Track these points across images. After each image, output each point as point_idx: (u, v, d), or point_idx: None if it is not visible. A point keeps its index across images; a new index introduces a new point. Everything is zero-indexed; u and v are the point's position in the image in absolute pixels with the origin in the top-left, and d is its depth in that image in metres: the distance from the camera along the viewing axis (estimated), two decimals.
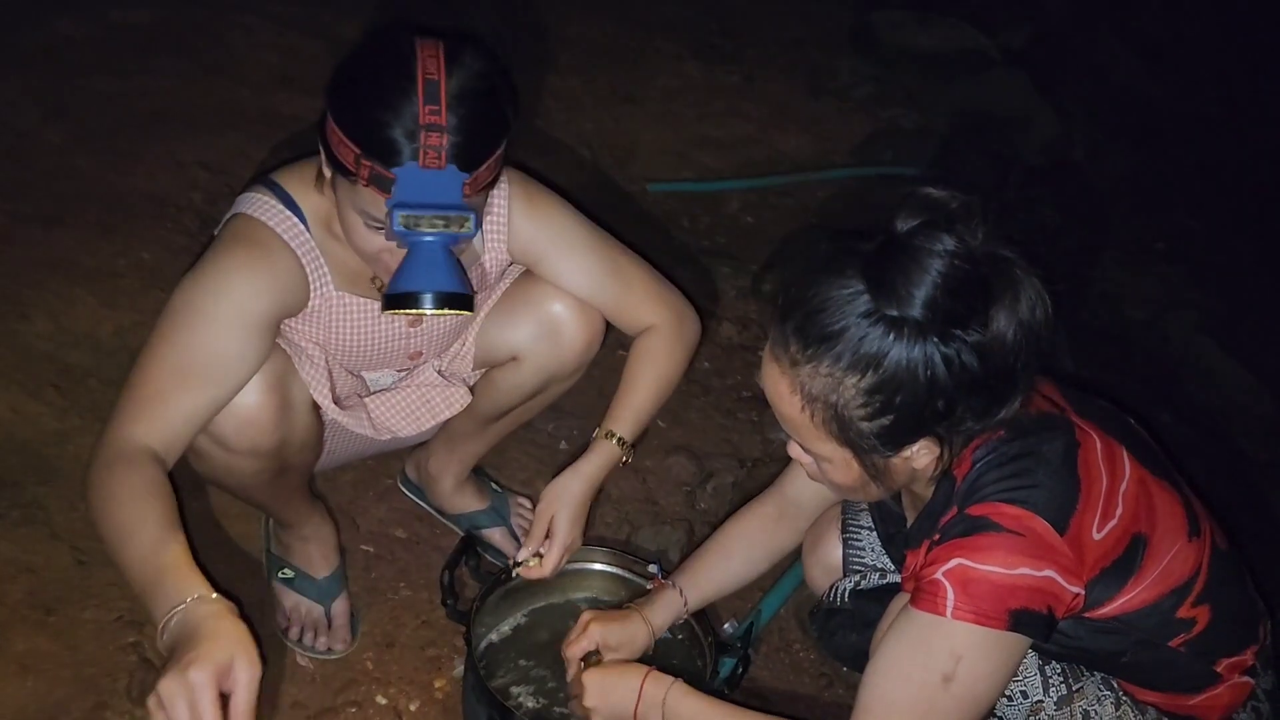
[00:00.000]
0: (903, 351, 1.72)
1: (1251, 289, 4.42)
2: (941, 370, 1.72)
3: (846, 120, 5.13)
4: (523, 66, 4.90)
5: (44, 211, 3.45)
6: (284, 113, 4.22)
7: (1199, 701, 2.05)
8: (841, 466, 1.90)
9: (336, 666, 2.62)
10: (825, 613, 2.54)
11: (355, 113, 1.92)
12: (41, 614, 2.51)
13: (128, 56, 4.24)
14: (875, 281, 1.73)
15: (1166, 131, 5.18)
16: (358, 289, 2.28)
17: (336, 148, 1.95)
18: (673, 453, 3.29)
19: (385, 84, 1.90)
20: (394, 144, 1.91)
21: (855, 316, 1.73)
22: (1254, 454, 3.83)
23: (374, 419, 2.47)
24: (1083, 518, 1.84)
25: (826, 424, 1.82)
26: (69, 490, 2.76)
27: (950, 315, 1.70)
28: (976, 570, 1.81)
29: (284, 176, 2.20)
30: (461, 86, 1.92)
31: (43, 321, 3.12)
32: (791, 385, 1.82)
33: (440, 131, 1.90)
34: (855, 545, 2.45)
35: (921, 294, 1.69)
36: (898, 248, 1.73)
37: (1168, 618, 1.96)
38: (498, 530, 2.96)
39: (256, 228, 2.13)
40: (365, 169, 1.92)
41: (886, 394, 1.75)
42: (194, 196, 3.70)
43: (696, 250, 4.19)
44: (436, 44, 1.94)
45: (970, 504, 1.86)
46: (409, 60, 1.91)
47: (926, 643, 1.86)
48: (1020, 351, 1.75)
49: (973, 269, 1.71)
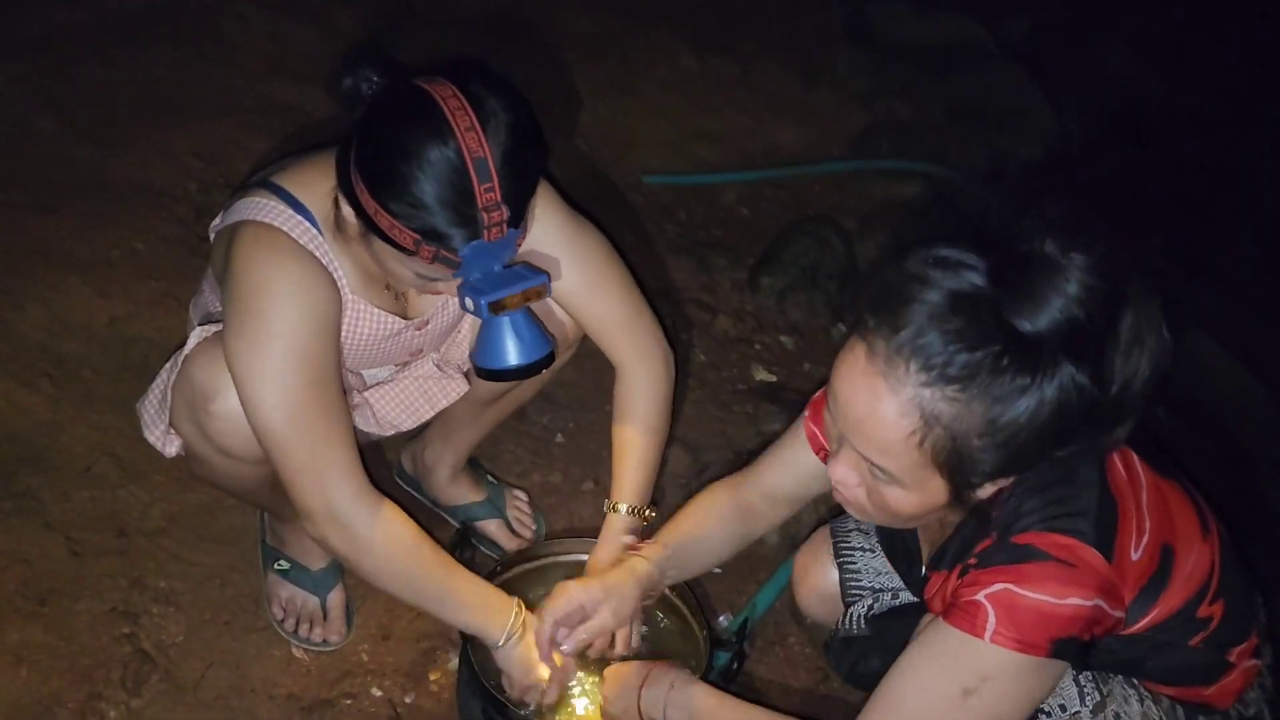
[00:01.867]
0: (1040, 383, 1.61)
1: (1247, 284, 4.41)
2: (1074, 402, 1.62)
3: (843, 112, 5.13)
4: (518, 58, 4.89)
5: (37, 201, 3.44)
6: (279, 101, 4.21)
7: (1213, 691, 2.03)
8: (918, 496, 1.79)
9: (332, 658, 2.62)
10: (841, 642, 2.48)
11: (408, 203, 1.88)
12: (35, 605, 2.51)
13: (121, 45, 4.22)
14: (1009, 293, 1.62)
15: (1163, 126, 5.18)
16: (371, 295, 2.25)
17: (389, 230, 1.91)
18: (668, 445, 3.26)
19: (434, 173, 1.86)
20: (460, 234, 1.90)
21: (990, 337, 1.61)
22: (1249, 449, 3.82)
23: (377, 415, 2.46)
24: (1123, 540, 1.80)
25: (938, 453, 1.69)
26: (63, 481, 2.76)
27: (1089, 341, 1.61)
28: (1025, 598, 1.75)
29: (287, 179, 2.14)
30: (505, 151, 1.89)
31: (36, 311, 3.11)
32: (904, 408, 1.67)
33: (499, 208, 1.90)
34: (851, 569, 2.42)
35: (1059, 310, 1.59)
36: (1036, 260, 1.62)
37: (1189, 619, 1.93)
38: (493, 522, 2.95)
39: (272, 235, 2.08)
40: (428, 251, 1.91)
41: (1014, 427, 1.64)
42: (188, 186, 3.69)
43: (692, 243, 4.18)
44: (463, 105, 1.88)
45: (1013, 532, 1.79)
46: (449, 137, 1.86)
47: (954, 656, 1.82)
48: (1146, 392, 1.67)
49: (1114, 295, 1.62)
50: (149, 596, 2.61)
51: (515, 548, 2.90)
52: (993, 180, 4.64)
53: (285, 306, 2.03)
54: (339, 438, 2.10)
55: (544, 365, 2.12)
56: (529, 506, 3.05)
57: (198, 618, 2.61)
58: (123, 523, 2.73)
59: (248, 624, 2.64)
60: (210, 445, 2.21)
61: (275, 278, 2.04)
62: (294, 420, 2.05)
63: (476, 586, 2.28)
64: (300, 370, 2.04)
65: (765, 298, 3.99)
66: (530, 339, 2.09)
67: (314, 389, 2.06)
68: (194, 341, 2.21)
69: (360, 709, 2.53)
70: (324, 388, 2.08)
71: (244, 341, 2.03)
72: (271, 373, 2.03)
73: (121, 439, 2.86)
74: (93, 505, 2.74)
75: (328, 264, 2.13)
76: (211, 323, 2.24)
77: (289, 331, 2.03)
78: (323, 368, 2.08)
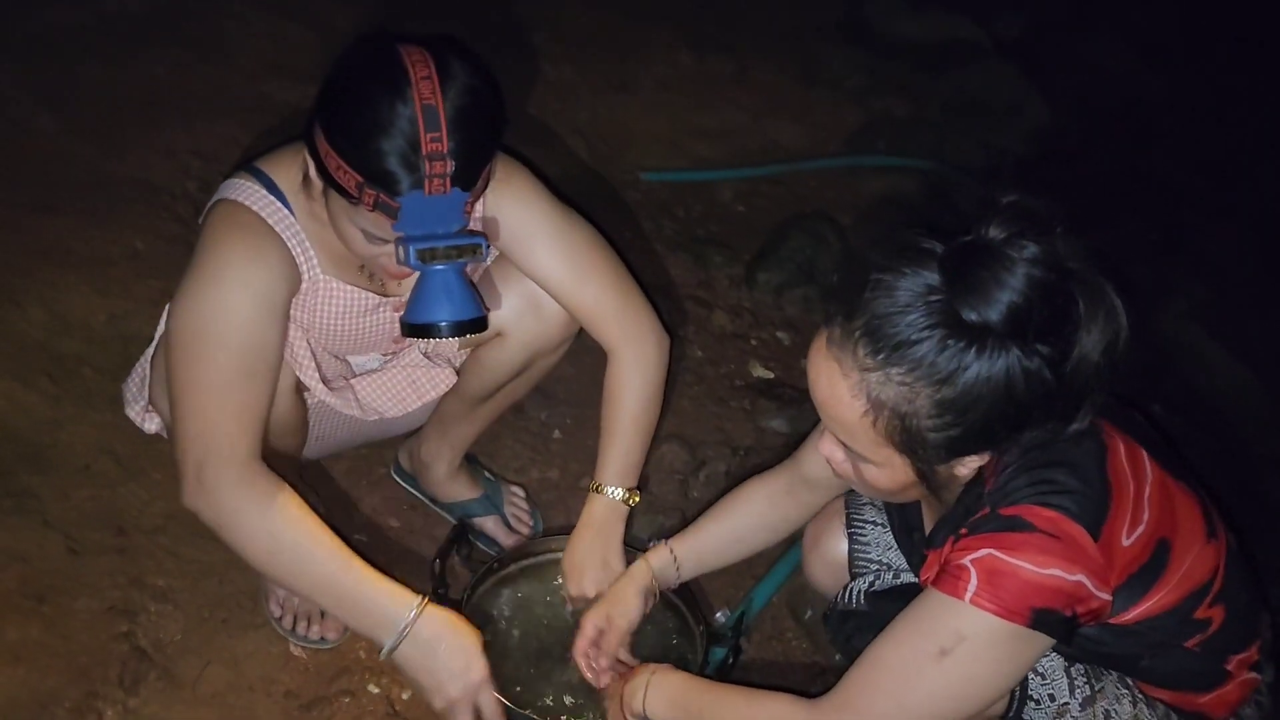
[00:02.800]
0: (984, 365, 1.67)
1: (1244, 279, 4.42)
2: (1020, 385, 1.68)
3: (839, 110, 5.13)
4: (516, 56, 4.90)
5: (37, 199, 3.45)
6: (277, 100, 4.22)
7: (1210, 699, 2.04)
8: (889, 472, 1.87)
9: (329, 655, 2.63)
10: (840, 615, 2.49)
11: (354, 141, 1.92)
12: (33, 603, 2.52)
13: (121, 44, 4.23)
14: (956, 284, 1.68)
15: (1159, 121, 5.19)
16: (345, 275, 2.29)
17: (335, 172, 1.95)
18: (665, 441, 3.29)
19: (383, 112, 1.89)
20: (398, 175, 1.92)
21: (935, 324, 1.68)
22: (1246, 444, 3.83)
23: (361, 400, 2.47)
24: (1114, 524, 1.82)
25: (890, 432, 1.78)
26: (62, 479, 2.77)
27: (1034, 327, 1.66)
28: (1007, 563, 1.78)
29: (267, 163, 2.21)
30: (458, 107, 1.92)
31: (35, 309, 3.12)
32: (855, 390, 1.77)
33: (443, 159, 1.91)
34: (861, 541, 2.43)
35: (1005, 301, 1.65)
36: (983, 250, 1.68)
37: (1186, 619, 1.95)
38: (490, 519, 2.96)
39: (242, 212, 2.14)
40: (369, 196, 1.93)
41: (961, 408, 1.71)
42: (187, 184, 3.71)
43: (690, 239, 4.19)
44: (425, 59, 1.92)
45: (1003, 505, 1.83)
46: (404, 84, 1.89)
47: (934, 618, 1.84)
48: (1100, 373, 1.72)
49: (1061, 282, 1.67)
50: (147, 594, 2.61)
51: (512, 544, 2.91)
52: (988, 176, 4.67)
53: (230, 281, 2.08)
54: (239, 414, 2.10)
55: (471, 328, 2.11)
56: (526, 503, 3.06)
57: (195, 615, 2.62)
58: (121, 521, 2.74)
59: (245, 621, 2.64)
60: None
61: (228, 252, 2.10)
62: (196, 380, 2.08)
63: (364, 580, 2.16)
64: (228, 338, 2.07)
65: (762, 294, 4.01)
66: (460, 298, 2.08)
67: (230, 361, 2.08)
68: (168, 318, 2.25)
69: (358, 706, 2.53)
70: (249, 369, 2.10)
71: (183, 300, 2.10)
72: (206, 330, 2.07)
73: (121, 437, 2.87)
74: (92, 503, 2.75)
75: (296, 245, 2.18)
76: None
77: (230, 302, 2.08)
78: (250, 343, 2.10)
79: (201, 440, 2.08)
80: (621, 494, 2.51)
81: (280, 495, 2.13)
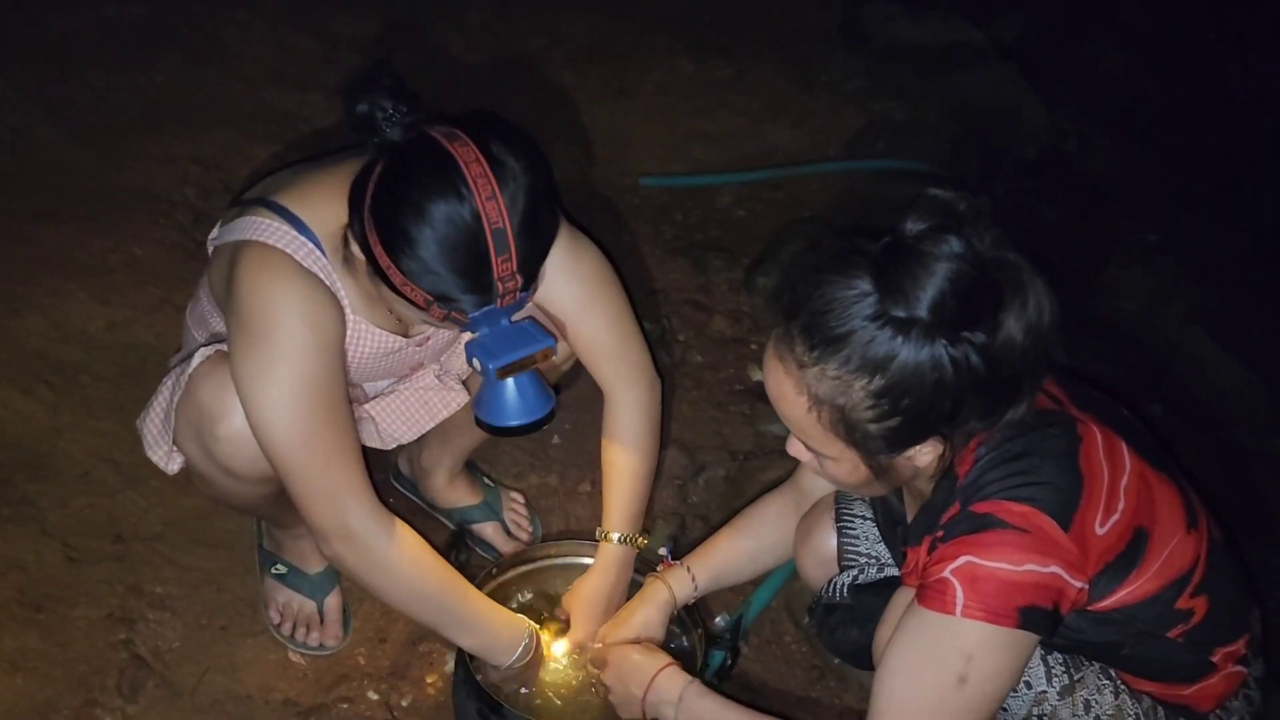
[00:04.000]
0: (911, 354, 1.72)
1: (1242, 280, 4.42)
2: (949, 372, 1.73)
3: (838, 113, 5.12)
4: (516, 62, 4.91)
5: (37, 208, 3.46)
6: (278, 108, 4.24)
7: (1194, 691, 2.06)
8: (847, 465, 1.91)
9: (329, 662, 2.64)
10: (824, 608, 2.52)
11: (424, 266, 1.87)
12: (31, 611, 2.53)
13: (121, 52, 4.25)
14: (883, 283, 1.73)
15: (1158, 123, 5.18)
16: (374, 317, 2.24)
17: (401, 287, 1.91)
18: (664, 446, 3.29)
19: (452, 241, 1.85)
20: (473, 301, 1.91)
21: (863, 319, 1.73)
22: (1245, 444, 3.83)
23: (381, 430, 2.47)
24: (1086, 514, 1.85)
25: (834, 425, 1.83)
26: (60, 487, 2.78)
27: (958, 317, 1.71)
28: (985, 567, 1.81)
29: (288, 198, 2.12)
30: (523, 219, 1.89)
31: (35, 317, 3.13)
32: (797, 386, 1.83)
33: (514, 277, 1.90)
34: (850, 535, 2.45)
35: (929, 296, 1.69)
36: (906, 249, 1.72)
37: (1167, 609, 1.96)
38: (490, 524, 2.97)
39: (278, 257, 2.06)
40: (439, 312, 1.93)
41: (894, 396, 1.76)
42: (187, 192, 3.72)
43: (689, 244, 4.19)
44: (484, 169, 1.86)
45: (974, 501, 1.87)
46: (471, 205, 1.84)
47: (937, 643, 1.87)
48: (1027, 355, 1.76)
49: (980, 272, 1.71)
50: (145, 602, 2.63)
51: (511, 550, 2.91)
52: (988, 179, 4.66)
53: (293, 329, 2.03)
54: (349, 458, 2.12)
55: (545, 422, 2.13)
56: (526, 509, 3.07)
57: (194, 623, 2.63)
58: (120, 528, 2.75)
59: (244, 629, 2.65)
60: (217, 467, 2.23)
61: (281, 301, 2.03)
62: (305, 442, 2.06)
63: (488, 609, 2.33)
64: (309, 392, 2.05)
65: (761, 298, 4.00)
66: (533, 398, 2.10)
67: (323, 410, 2.07)
68: (198, 362, 2.21)
69: (356, 712, 2.54)
70: (333, 408, 2.09)
71: (253, 364, 2.04)
72: (281, 396, 2.04)
73: (120, 445, 2.88)
74: (90, 511, 2.76)
75: (330, 285, 2.12)
76: (214, 341, 2.25)
77: (297, 354, 2.03)
78: (331, 389, 2.09)
79: (335, 503, 2.10)
80: (628, 539, 2.54)
81: (409, 539, 2.21)
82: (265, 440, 2.07)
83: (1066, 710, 2.04)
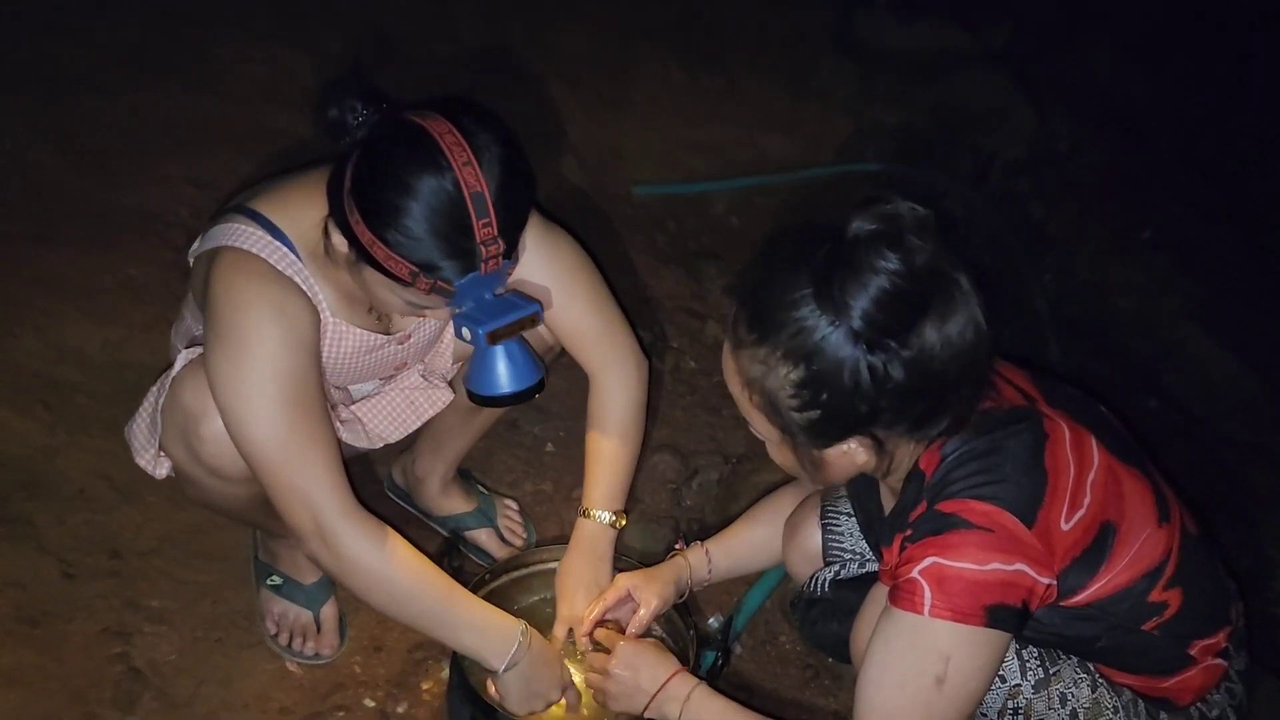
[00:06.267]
0: (832, 353, 1.79)
1: (1235, 275, 4.42)
2: (865, 377, 1.80)
3: (829, 120, 5.14)
4: (508, 75, 4.92)
5: (32, 229, 3.47)
6: (271, 127, 4.24)
7: (1173, 683, 2.08)
8: (780, 449, 2.00)
9: (325, 671, 2.65)
10: (806, 602, 2.58)
11: (406, 235, 1.92)
12: (28, 627, 2.54)
13: (115, 74, 4.26)
14: (820, 288, 1.79)
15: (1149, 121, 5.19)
16: (353, 316, 2.28)
17: (385, 261, 1.94)
18: (658, 451, 3.31)
19: (433, 206, 1.90)
20: (457, 266, 1.94)
21: (796, 314, 1.81)
22: (1240, 438, 3.84)
23: (368, 430, 2.49)
24: (1050, 509, 1.88)
25: (763, 408, 1.93)
26: (57, 504, 2.79)
27: (882, 327, 1.76)
28: (951, 568, 1.85)
29: (263, 205, 2.16)
30: (500, 185, 1.93)
31: (31, 338, 3.14)
32: (736, 366, 1.94)
33: (495, 241, 1.94)
34: (834, 531, 2.48)
35: (858, 305, 1.75)
36: (844, 259, 1.77)
37: (1140, 602, 1.99)
38: (484, 531, 2.99)
39: (250, 261, 2.10)
40: (425, 283, 1.96)
41: (813, 389, 1.83)
42: (182, 212, 3.73)
43: (682, 252, 4.21)
44: (459, 140, 1.91)
45: (940, 499, 1.91)
46: (448, 172, 1.89)
47: (913, 645, 1.90)
48: (949, 370, 1.80)
49: (911, 286, 1.75)
50: (141, 616, 2.64)
51: (505, 556, 2.92)
52: (978, 182, 4.68)
53: (265, 328, 2.06)
54: (324, 457, 2.12)
55: (536, 391, 2.18)
56: (520, 515, 3.08)
57: (190, 635, 2.64)
58: (116, 544, 2.76)
59: (240, 640, 2.67)
60: (202, 468, 2.25)
61: (254, 301, 2.07)
62: (278, 440, 2.08)
63: (476, 608, 2.30)
64: (282, 391, 2.07)
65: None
66: (524, 365, 2.15)
67: (297, 409, 2.08)
68: (180, 364, 2.24)
69: None
70: (307, 408, 2.10)
71: (226, 364, 2.06)
72: (255, 394, 2.06)
73: (116, 462, 2.88)
74: (87, 528, 2.77)
75: (306, 288, 2.15)
76: (196, 346, 2.27)
77: (270, 353, 2.06)
78: (305, 388, 2.10)
79: (308, 501, 2.10)
80: (609, 517, 2.55)
81: (389, 539, 2.19)
82: (239, 437, 2.09)
83: (1042, 704, 2.07)
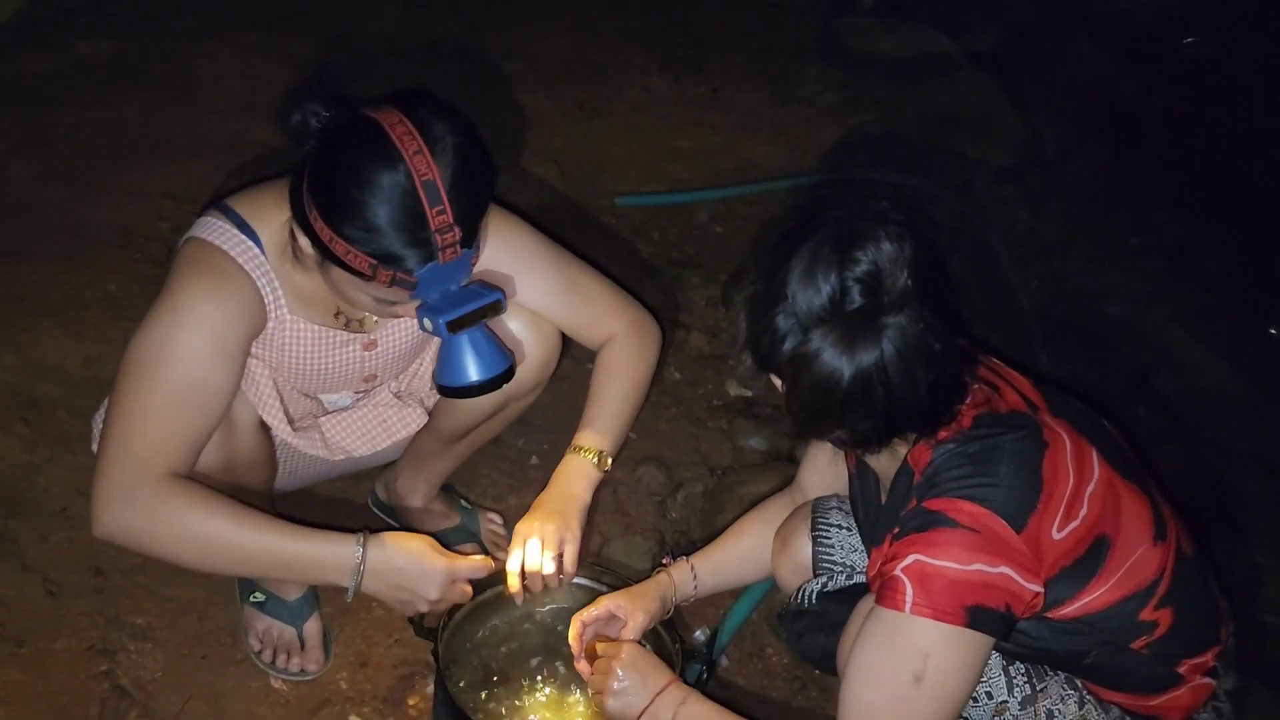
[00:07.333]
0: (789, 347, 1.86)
1: (1225, 280, 4.42)
2: (822, 390, 1.84)
3: (814, 127, 5.13)
4: (488, 84, 4.92)
5: (9, 246, 3.46)
6: (250, 139, 4.24)
7: (1161, 702, 2.08)
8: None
9: (310, 688, 2.63)
10: (793, 614, 2.57)
11: (362, 227, 1.93)
12: (12, 646, 2.53)
13: (93, 88, 4.26)
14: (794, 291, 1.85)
15: (1137, 127, 5.18)
16: (315, 317, 2.30)
17: (345, 256, 1.95)
18: (643, 463, 3.29)
19: (385, 196, 1.91)
20: (414, 256, 1.94)
21: (769, 301, 1.89)
22: (1230, 444, 3.83)
23: (328, 439, 2.48)
24: (1043, 517, 1.87)
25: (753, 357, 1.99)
26: (39, 522, 2.78)
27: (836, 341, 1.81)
28: (933, 566, 1.85)
29: (239, 201, 2.22)
30: (453, 172, 1.94)
31: (9, 355, 3.13)
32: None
33: (451, 229, 1.94)
34: (825, 543, 2.47)
35: (814, 315, 1.82)
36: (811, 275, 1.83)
37: (1130, 620, 1.99)
38: (467, 545, 2.96)
39: (211, 252, 2.14)
40: (385, 276, 1.95)
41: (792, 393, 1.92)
42: (160, 226, 3.72)
43: (666, 262, 4.19)
44: (410, 129, 1.93)
45: (929, 497, 1.91)
46: (399, 163, 1.90)
47: (892, 643, 1.90)
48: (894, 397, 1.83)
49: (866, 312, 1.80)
50: (126, 633, 2.62)
51: None
52: (964, 189, 4.67)
53: (185, 315, 2.09)
54: (170, 439, 2.10)
55: (504, 379, 2.18)
56: (504, 529, 3.06)
57: (175, 653, 2.62)
58: (99, 562, 2.74)
59: (225, 657, 2.65)
60: None
61: (190, 287, 2.11)
62: (135, 411, 2.09)
63: (304, 541, 2.20)
64: (170, 371, 2.08)
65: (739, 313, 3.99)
66: (490, 355, 2.15)
67: (173, 391, 2.09)
68: None
69: None
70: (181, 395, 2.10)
71: (149, 323, 2.11)
72: (150, 360, 2.09)
73: None
74: (69, 545, 2.76)
75: (265, 284, 2.18)
76: None
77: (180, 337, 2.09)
78: (192, 378, 2.10)
79: (118, 461, 2.07)
80: (594, 457, 2.50)
81: (197, 494, 2.11)
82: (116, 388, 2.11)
83: None
